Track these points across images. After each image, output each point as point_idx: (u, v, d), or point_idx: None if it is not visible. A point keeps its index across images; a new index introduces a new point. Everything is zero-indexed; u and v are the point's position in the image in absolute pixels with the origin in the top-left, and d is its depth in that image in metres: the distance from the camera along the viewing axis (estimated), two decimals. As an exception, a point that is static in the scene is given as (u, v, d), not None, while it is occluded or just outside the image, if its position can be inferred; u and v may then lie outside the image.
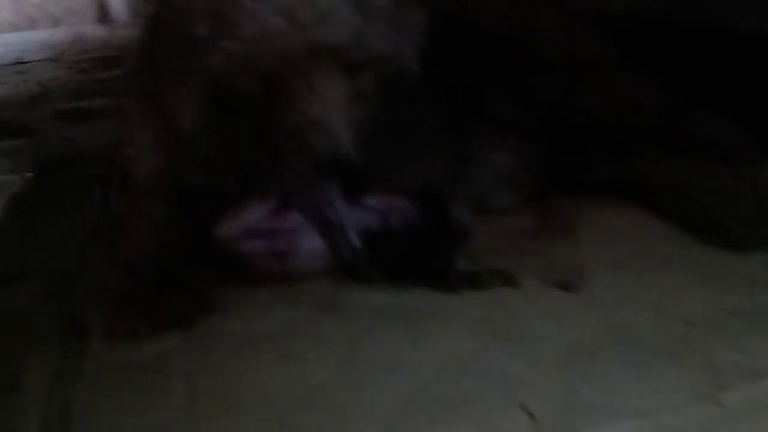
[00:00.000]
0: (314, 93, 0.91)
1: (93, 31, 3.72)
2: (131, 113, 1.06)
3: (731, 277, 0.92)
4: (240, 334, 0.88)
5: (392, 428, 0.70)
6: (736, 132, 1.12)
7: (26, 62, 3.27)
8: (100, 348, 0.88)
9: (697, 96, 1.15)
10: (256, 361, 0.83)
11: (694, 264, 0.95)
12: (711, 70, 1.26)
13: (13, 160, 1.81)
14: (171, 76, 0.94)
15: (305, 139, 0.90)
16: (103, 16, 3.89)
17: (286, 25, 0.88)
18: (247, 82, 0.92)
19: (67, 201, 1.44)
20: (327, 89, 0.92)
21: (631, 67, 1.20)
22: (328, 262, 0.97)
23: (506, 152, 1.11)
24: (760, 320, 0.83)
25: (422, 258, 0.97)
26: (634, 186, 1.10)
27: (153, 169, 1.04)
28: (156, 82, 0.97)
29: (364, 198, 0.98)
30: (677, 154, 1.08)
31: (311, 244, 0.96)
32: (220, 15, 0.90)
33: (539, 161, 1.12)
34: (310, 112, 0.91)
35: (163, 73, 0.95)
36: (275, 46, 0.89)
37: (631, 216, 1.07)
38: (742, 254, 0.96)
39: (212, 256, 0.97)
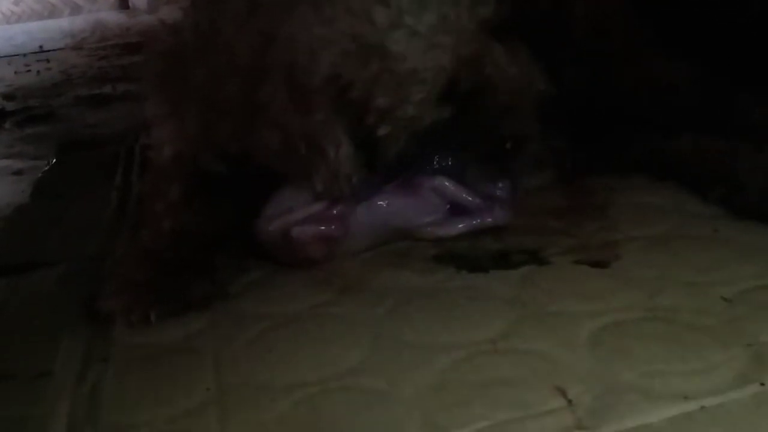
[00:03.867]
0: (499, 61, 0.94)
1: (113, 18, 3.74)
2: (156, 104, 1.06)
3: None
4: (268, 317, 0.87)
5: (424, 411, 0.68)
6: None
7: (48, 50, 3.28)
8: (127, 333, 0.88)
9: (735, 71, 1.10)
10: (285, 344, 0.82)
11: (733, 243, 0.91)
12: (746, 44, 1.20)
13: (37, 146, 1.82)
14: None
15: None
16: (123, 3, 3.90)
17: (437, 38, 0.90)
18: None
19: (90, 186, 1.44)
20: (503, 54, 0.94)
21: (665, 42, 1.15)
22: (371, 244, 0.98)
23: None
24: (803, 298, 0.80)
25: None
26: (672, 167, 1.07)
27: (173, 154, 1.04)
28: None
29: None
30: (716, 135, 1.04)
31: (360, 227, 0.96)
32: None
33: (570, 141, 1.09)
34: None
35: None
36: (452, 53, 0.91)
37: (666, 194, 1.03)
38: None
39: (242, 241, 0.96)
